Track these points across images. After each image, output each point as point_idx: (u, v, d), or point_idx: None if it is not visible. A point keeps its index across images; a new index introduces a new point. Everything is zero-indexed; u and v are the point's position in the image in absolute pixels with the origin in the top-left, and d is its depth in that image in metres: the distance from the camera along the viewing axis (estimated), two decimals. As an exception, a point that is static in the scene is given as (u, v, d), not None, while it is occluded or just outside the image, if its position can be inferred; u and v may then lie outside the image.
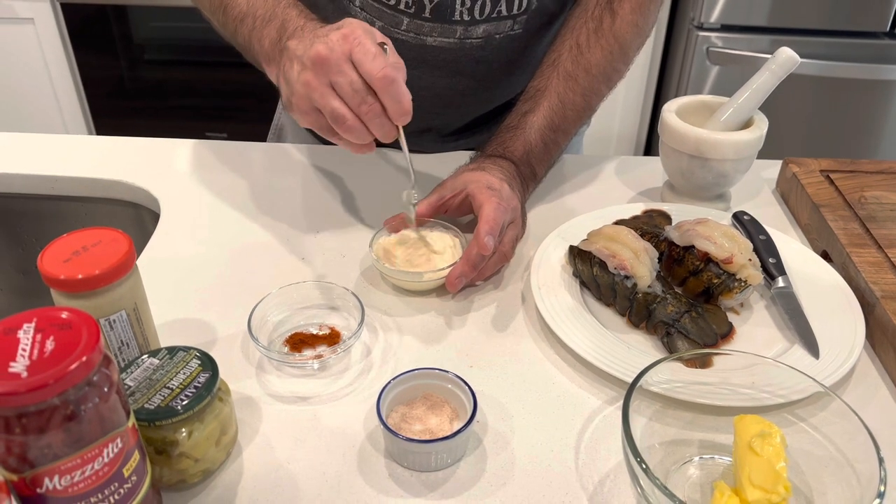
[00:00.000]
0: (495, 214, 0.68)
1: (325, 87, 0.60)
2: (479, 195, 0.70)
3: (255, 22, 0.72)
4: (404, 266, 0.70)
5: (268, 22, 0.70)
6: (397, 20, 0.82)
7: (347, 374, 0.61)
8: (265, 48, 0.69)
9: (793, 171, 0.83)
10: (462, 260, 0.68)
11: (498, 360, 0.63)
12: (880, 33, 1.90)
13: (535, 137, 0.79)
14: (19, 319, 0.42)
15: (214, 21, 0.79)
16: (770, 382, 0.56)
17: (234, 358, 0.62)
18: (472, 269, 0.67)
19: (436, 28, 0.82)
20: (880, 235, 0.72)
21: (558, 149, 0.83)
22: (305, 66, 0.60)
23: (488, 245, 0.66)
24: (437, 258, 0.71)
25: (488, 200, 0.69)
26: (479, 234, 0.66)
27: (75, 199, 0.89)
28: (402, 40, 0.83)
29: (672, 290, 0.66)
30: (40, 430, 0.39)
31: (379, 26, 0.83)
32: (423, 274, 0.68)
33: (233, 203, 0.83)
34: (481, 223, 0.67)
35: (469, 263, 0.67)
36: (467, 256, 0.67)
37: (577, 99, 0.80)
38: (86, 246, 0.53)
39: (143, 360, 0.52)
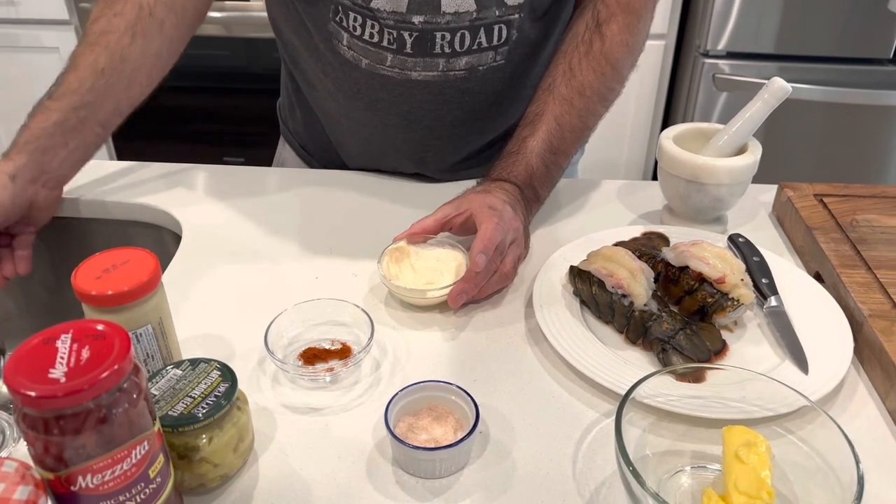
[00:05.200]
0: (491, 234, 0.71)
1: None
2: (479, 214, 0.73)
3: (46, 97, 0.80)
4: (411, 283, 0.73)
5: (36, 115, 0.79)
6: (381, 57, 0.85)
7: (357, 387, 0.64)
8: (13, 142, 0.80)
9: (788, 195, 0.86)
10: (463, 278, 0.71)
11: (500, 374, 0.66)
12: (884, 60, 1.93)
13: (537, 161, 0.82)
14: (58, 330, 0.45)
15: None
16: (760, 396, 0.58)
17: (252, 371, 0.66)
18: (472, 286, 0.71)
19: (419, 62, 0.85)
20: (870, 257, 0.74)
21: (559, 169, 0.86)
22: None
23: (479, 262, 0.69)
24: (443, 275, 0.74)
25: (487, 220, 0.72)
26: (473, 250, 0.70)
27: (100, 221, 0.93)
28: (387, 76, 0.86)
29: (668, 308, 0.69)
30: (76, 432, 0.43)
31: (365, 64, 0.86)
32: (426, 291, 0.72)
33: (250, 225, 0.87)
34: (476, 241, 0.71)
35: (469, 281, 0.71)
36: (467, 275, 0.71)
37: (574, 121, 0.84)
38: (115, 264, 0.57)
39: (167, 371, 0.56)
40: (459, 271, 0.74)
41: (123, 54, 0.81)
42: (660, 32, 2.04)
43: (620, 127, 2.21)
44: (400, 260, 0.76)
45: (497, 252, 0.72)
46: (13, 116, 2.53)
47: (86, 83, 0.79)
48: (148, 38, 0.82)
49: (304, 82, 0.97)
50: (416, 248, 0.77)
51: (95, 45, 0.80)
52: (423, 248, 0.77)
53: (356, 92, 0.89)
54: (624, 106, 2.17)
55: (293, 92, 1.02)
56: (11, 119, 2.54)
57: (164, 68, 0.86)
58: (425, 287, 0.72)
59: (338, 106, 0.94)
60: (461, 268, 0.74)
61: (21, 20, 2.19)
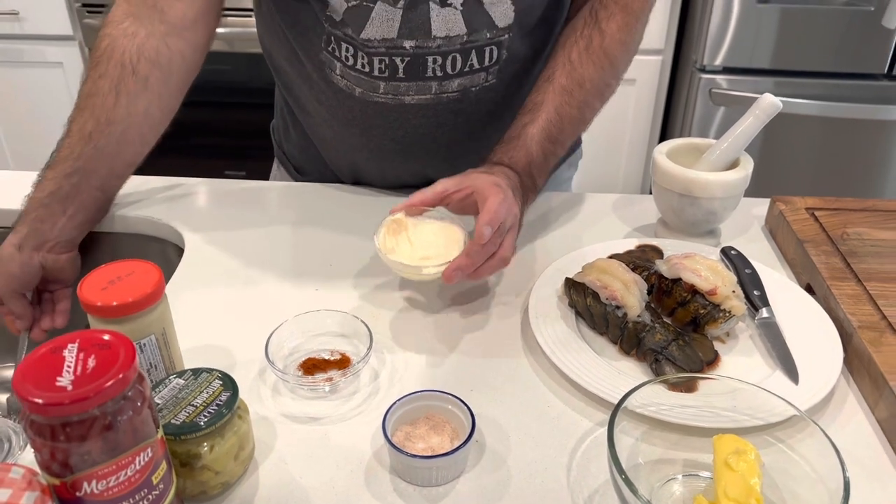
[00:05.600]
0: (498, 208, 0.69)
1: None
2: (485, 190, 0.71)
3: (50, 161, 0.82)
4: (407, 257, 0.71)
5: (37, 184, 0.81)
6: (374, 85, 0.86)
7: (356, 397, 0.66)
8: (26, 203, 0.82)
9: (780, 208, 0.87)
10: (463, 252, 0.69)
11: (496, 384, 0.67)
12: (879, 75, 1.95)
13: (536, 149, 0.81)
14: (65, 340, 0.47)
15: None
16: (750, 406, 0.60)
17: (252, 380, 0.67)
18: (470, 263, 0.69)
19: (412, 87, 0.86)
20: (860, 269, 0.76)
21: (555, 159, 0.86)
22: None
23: (485, 234, 0.67)
24: (440, 249, 0.72)
25: (494, 195, 0.70)
26: (480, 222, 0.68)
27: (104, 234, 0.94)
28: (382, 103, 0.87)
29: (661, 319, 0.71)
30: (81, 438, 0.44)
31: (359, 92, 0.87)
32: (421, 268, 0.70)
33: (251, 238, 0.89)
34: (483, 214, 0.69)
35: (469, 256, 0.69)
36: (467, 251, 0.69)
37: (573, 112, 0.84)
38: (120, 276, 0.58)
39: (170, 380, 0.57)
40: (457, 247, 0.72)
41: (108, 117, 0.80)
42: (657, 48, 2.07)
43: (618, 142, 2.23)
44: (397, 233, 0.73)
45: (497, 233, 0.70)
46: (17, 131, 2.55)
47: (76, 150, 0.80)
48: (132, 96, 0.81)
49: (298, 108, 0.99)
50: (414, 221, 0.74)
51: (84, 109, 0.80)
52: (421, 220, 0.75)
53: (351, 119, 0.91)
54: (622, 121, 2.19)
55: (287, 115, 1.03)
56: (16, 133, 2.56)
57: (156, 127, 0.85)
58: (421, 263, 0.71)
59: (333, 132, 0.95)
60: (459, 243, 0.72)
61: (25, 35, 2.22)
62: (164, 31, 0.81)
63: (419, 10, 0.80)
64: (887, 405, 0.62)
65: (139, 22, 0.81)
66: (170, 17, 0.81)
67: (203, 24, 0.83)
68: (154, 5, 0.80)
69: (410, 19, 0.81)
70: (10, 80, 2.30)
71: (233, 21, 2.13)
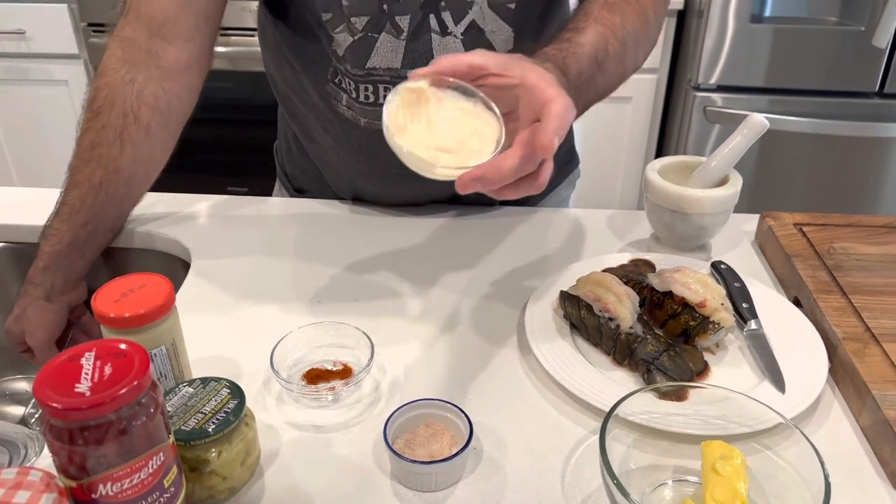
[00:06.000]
0: (565, 113, 0.54)
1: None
2: (542, 88, 0.56)
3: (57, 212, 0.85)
4: (421, 143, 0.56)
5: (49, 236, 0.85)
6: (379, 114, 0.86)
7: (358, 406, 0.68)
8: (34, 266, 0.85)
9: (769, 224, 0.90)
10: (493, 162, 0.54)
11: (494, 393, 0.70)
12: (870, 93, 1.99)
13: (586, 63, 0.69)
14: (82, 349, 0.49)
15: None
16: (739, 414, 0.62)
17: (258, 390, 0.69)
18: (499, 177, 0.54)
19: None
20: (845, 283, 0.78)
21: (596, 92, 0.72)
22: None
23: (553, 145, 0.53)
24: (465, 141, 0.57)
25: (559, 95, 0.55)
26: (545, 129, 0.53)
27: (114, 249, 0.97)
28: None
29: (653, 331, 0.73)
30: (98, 442, 0.46)
31: (364, 122, 0.89)
32: (435, 165, 0.55)
33: (255, 251, 0.91)
34: (549, 118, 0.54)
35: (498, 169, 0.54)
36: (500, 161, 0.54)
37: (616, 44, 0.73)
38: (133, 288, 0.61)
39: (180, 389, 0.59)
40: (487, 143, 0.57)
41: (116, 165, 0.83)
42: (653, 66, 2.11)
43: (615, 159, 2.26)
44: (415, 105, 0.58)
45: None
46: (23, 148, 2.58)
47: (87, 199, 0.83)
48: (136, 143, 0.83)
49: (302, 135, 1.01)
50: (440, 94, 0.58)
51: (90, 160, 0.83)
52: (448, 96, 0.58)
53: (357, 147, 0.93)
54: (618, 138, 2.23)
55: (291, 138, 1.05)
56: (21, 150, 2.59)
57: (159, 167, 0.89)
58: (436, 156, 0.56)
59: (339, 159, 0.98)
60: (490, 138, 0.57)
61: (31, 54, 2.26)
62: (159, 76, 0.83)
63: (421, 41, 0.83)
64: (870, 413, 0.65)
65: (135, 68, 0.82)
66: (164, 62, 0.83)
67: (196, 67, 0.86)
68: (148, 50, 0.82)
69: (413, 49, 0.84)
70: (16, 98, 2.33)
71: (235, 40, 2.17)
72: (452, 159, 0.55)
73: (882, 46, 1.87)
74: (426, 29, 0.83)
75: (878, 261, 0.82)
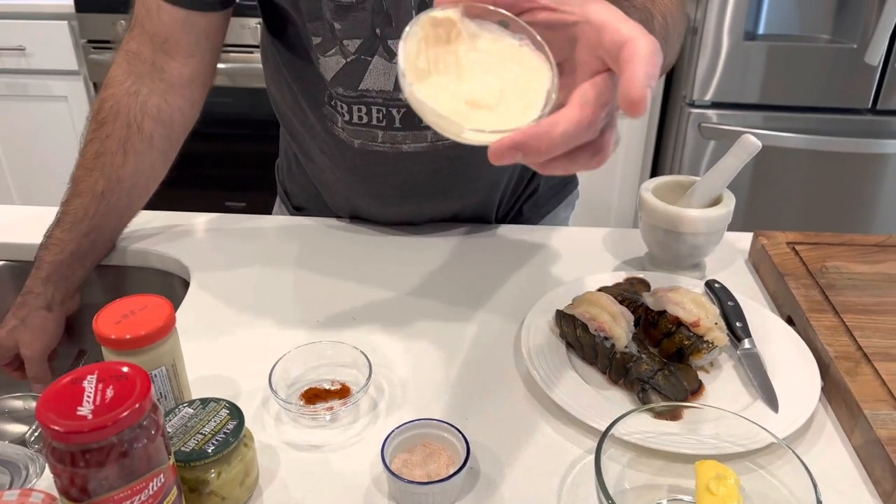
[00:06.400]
0: (654, 55, 0.41)
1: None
2: (621, 25, 0.42)
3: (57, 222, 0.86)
4: (446, 96, 0.43)
5: (50, 245, 0.86)
6: (373, 135, 0.89)
7: (356, 425, 0.69)
8: (33, 276, 0.86)
9: (762, 242, 0.91)
10: (543, 123, 0.41)
11: (490, 412, 0.70)
12: (863, 109, 2.01)
13: (658, 26, 0.59)
14: (84, 371, 0.50)
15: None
16: (732, 433, 0.63)
17: (256, 410, 0.70)
18: (547, 144, 0.41)
19: (408, 136, 0.88)
20: (838, 302, 0.79)
21: (667, 60, 0.58)
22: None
23: (647, 98, 0.40)
24: (505, 94, 0.44)
25: (643, 35, 0.42)
26: (634, 75, 0.40)
27: (113, 267, 0.98)
28: (380, 151, 0.90)
29: (647, 350, 0.74)
30: (100, 464, 0.47)
31: (358, 143, 0.90)
32: (463, 127, 0.43)
33: (254, 270, 0.92)
34: (637, 61, 0.40)
35: (548, 134, 0.41)
36: (553, 121, 0.41)
37: (674, 9, 0.63)
38: (133, 310, 0.61)
39: (180, 409, 0.60)
40: (535, 96, 0.44)
41: (119, 175, 0.85)
42: (648, 83, 2.12)
43: (610, 176, 2.28)
44: (441, 43, 0.45)
45: (601, 105, 0.42)
46: (22, 164, 2.59)
47: (90, 209, 0.85)
48: (140, 154, 0.86)
49: (301, 154, 1.02)
50: (475, 28, 0.45)
51: (93, 169, 0.85)
52: (486, 29, 0.45)
53: (352, 167, 0.94)
54: (614, 155, 2.24)
55: (291, 157, 1.07)
56: (20, 166, 2.60)
57: (159, 178, 0.91)
58: (466, 113, 0.43)
59: (335, 178, 0.99)
60: (539, 87, 0.44)
61: (31, 70, 2.27)
62: (163, 89, 0.86)
63: None
64: (862, 433, 0.65)
65: (140, 81, 0.85)
66: (168, 76, 0.86)
67: (199, 82, 0.88)
68: (153, 64, 0.85)
69: None
70: (16, 114, 2.35)
71: (234, 56, 2.19)
72: (487, 118, 0.43)
73: (874, 63, 1.89)
74: None
75: (871, 280, 0.83)
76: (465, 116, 0.43)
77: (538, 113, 0.43)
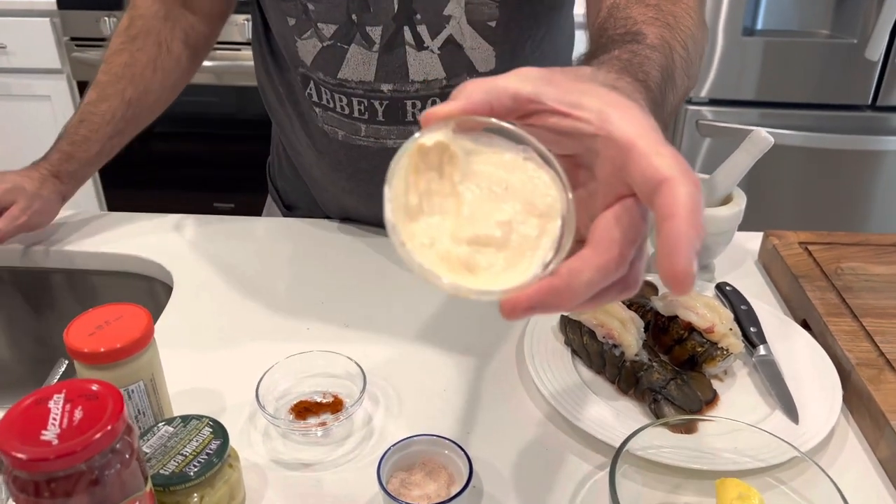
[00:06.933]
0: (700, 212, 0.34)
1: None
2: (654, 158, 0.34)
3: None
4: (444, 238, 0.37)
5: (79, 143, 0.91)
6: (356, 128, 0.86)
7: (349, 441, 0.64)
8: (56, 160, 0.91)
9: (773, 243, 0.87)
10: (558, 278, 0.35)
11: (493, 426, 0.66)
12: (863, 106, 1.98)
13: (655, 74, 0.48)
14: (50, 391, 0.45)
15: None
16: (752, 447, 0.59)
17: (243, 425, 0.65)
18: (570, 297, 0.35)
19: (392, 131, 0.85)
20: (855, 305, 0.75)
21: (670, 111, 0.52)
22: None
23: (693, 273, 0.33)
24: (518, 226, 0.37)
25: (684, 174, 0.34)
26: (677, 245, 0.33)
27: (91, 272, 0.93)
28: (364, 146, 0.87)
29: (658, 358, 0.70)
30: (67, 494, 0.43)
31: (342, 135, 0.87)
32: (461, 287, 0.36)
33: (240, 275, 0.87)
34: (678, 224, 0.33)
35: (568, 287, 0.35)
36: (571, 275, 0.35)
37: (679, 49, 0.54)
38: (108, 321, 0.57)
39: (159, 428, 0.55)
40: (547, 223, 0.37)
41: (147, 87, 0.91)
42: (644, 80, 2.09)
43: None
44: (433, 170, 0.38)
45: (630, 242, 0.36)
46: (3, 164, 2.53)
47: (118, 113, 0.90)
48: (167, 72, 0.92)
49: (290, 148, 1.00)
50: (471, 144, 0.38)
51: (122, 77, 0.90)
52: (483, 142, 0.38)
53: (338, 163, 0.91)
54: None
55: (282, 152, 1.04)
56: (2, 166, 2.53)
57: (177, 93, 0.97)
58: (461, 263, 0.36)
59: (322, 174, 0.95)
60: (552, 214, 0.37)
61: (13, 69, 2.21)
62: (189, 18, 0.93)
63: (395, 54, 0.80)
64: (889, 444, 0.61)
65: (169, 9, 0.91)
66: (194, 6, 0.93)
67: (218, 12, 0.96)
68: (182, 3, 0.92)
69: (386, 63, 0.81)
70: (-3, 113, 2.29)
71: (221, 55, 2.14)
72: (492, 260, 0.36)
73: (874, 59, 1.86)
74: (400, 42, 0.80)
75: (889, 281, 0.79)
76: (469, 263, 0.37)
77: (552, 244, 0.37)
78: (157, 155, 2.33)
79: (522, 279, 0.36)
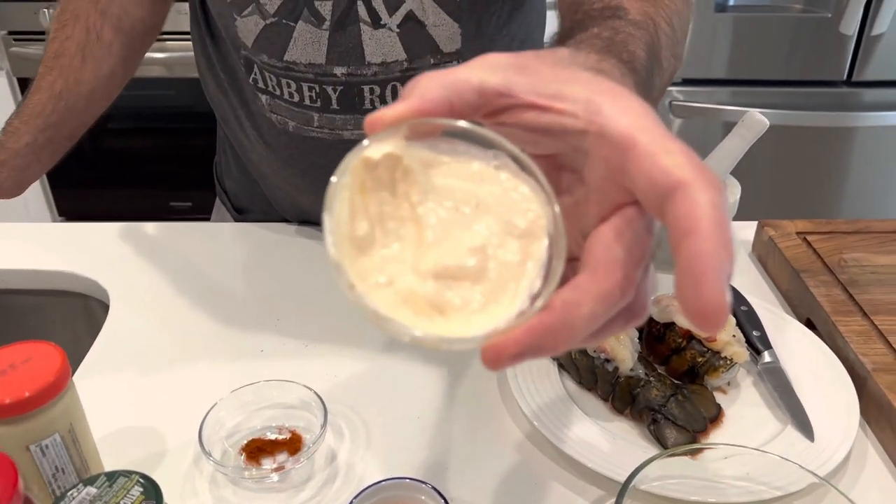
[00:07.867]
0: (727, 223, 0.27)
1: None
2: (661, 156, 0.28)
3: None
4: (403, 279, 0.29)
5: (9, 133, 0.84)
6: (308, 117, 0.77)
7: (311, 485, 0.56)
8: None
9: (769, 234, 0.80)
10: (550, 315, 0.28)
11: (473, 460, 0.58)
12: (838, 82, 1.93)
13: (644, 54, 0.43)
14: (-76, 467, 0.36)
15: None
16: (765, 473, 0.52)
17: (186, 471, 0.57)
18: (567, 337, 0.28)
19: (349, 120, 0.77)
20: (864, 301, 0.69)
21: (657, 90, 0.47)
22: None
23: (725, 306, 0.26)
24: (492, 252, 0.29)
25: (701, 175, 0.27)
26: (704, 271, 0.26)
27: (19, 292, 0.83)
28: (318, 138, 0.78)
29: (655, 371, 0.63)
30: None
31: (292, 126, 0.79)
32: (428, 336, 0.28)
33: (186, 289, 0.78)
34: (702, 242, 0.26)
35: (564, 325, 0.28)
36: (567, 311, 0.28)
37: (664, 25, 0.49)
38: (14, 364, 0.48)
39: (78, 491, 0.46)
40: (530, 244, 0.29)
41: (77, 77, 0.84)
42: (614, 60, 2.02)
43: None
44: (384, 189, 0.30)
45: (634, 262, 0.29)
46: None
47: (47, 107, 0.84)
48: (98, 60, 0.84)
49: (237, 144, 0.90)
50: (428, 154, 0.30)
51: (53, 68, 0.84)
52: (442, 150, 0.30)
53: (289, 157, 0.82)
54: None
55: (228, 149, 0.94)
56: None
57: (120, 84, 0.89)
58: (428, 305, 0.29)
59: (273, 171, 0.86)
60: (535, 232, 0.29)
61: (-51, 65, 2.08)
62: (123, 4, 0.83)
63: (348, 32, 0.71)
64: (916, 461, 0.55)
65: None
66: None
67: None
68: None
69: (339, 42, 0.72)
70: (-69, 114, 2.15)
71: (171, 45, 2.02)
72: (467, 297, 0.29)
73: (849, 33, 1.81)
74: (354, 18, 0.71)
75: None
76: (439, 303, 0.28)
77: (539, 269, 0.29)
78: (109, 152, 2.21)
79: (506, 317, 0.29)
